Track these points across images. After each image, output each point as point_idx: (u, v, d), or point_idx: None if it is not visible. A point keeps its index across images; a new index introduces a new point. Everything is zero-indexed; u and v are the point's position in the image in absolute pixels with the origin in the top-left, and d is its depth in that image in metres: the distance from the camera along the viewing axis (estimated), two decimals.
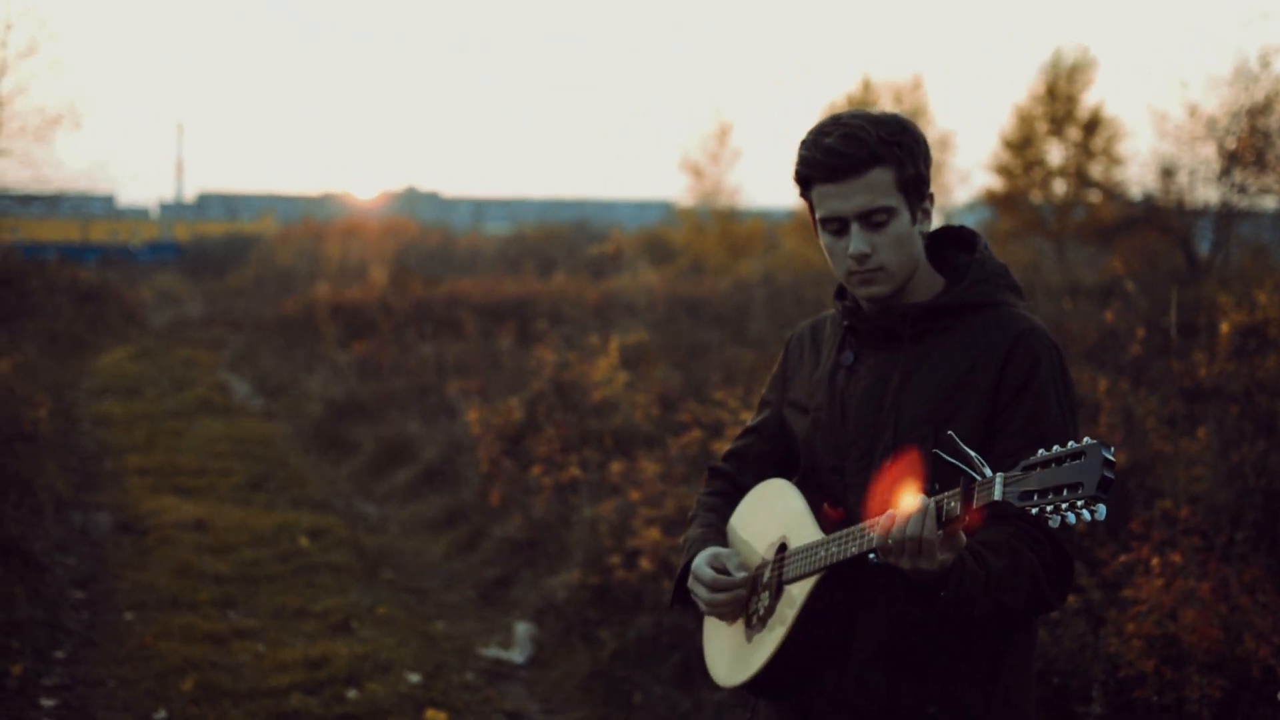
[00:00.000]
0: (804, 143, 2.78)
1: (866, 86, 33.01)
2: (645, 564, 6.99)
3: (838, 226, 2.76)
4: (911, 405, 2.73)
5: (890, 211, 2.71)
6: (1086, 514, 2.14)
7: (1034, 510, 2.20)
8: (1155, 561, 4.94)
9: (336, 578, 8.54)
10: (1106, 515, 2.24)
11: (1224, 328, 7.68)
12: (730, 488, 3.17)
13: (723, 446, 7.59)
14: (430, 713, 6.29)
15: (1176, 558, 4.94)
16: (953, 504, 2.36)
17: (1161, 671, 4.62)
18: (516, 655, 7.27)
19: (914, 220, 2.75)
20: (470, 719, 6.36)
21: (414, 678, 6.74)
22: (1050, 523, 2.17)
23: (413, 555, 9.50)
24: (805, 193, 2.82)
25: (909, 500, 2.43)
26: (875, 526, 2.49)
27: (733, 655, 2.95)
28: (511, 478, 9.48)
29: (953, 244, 2.95)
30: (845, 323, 2.90)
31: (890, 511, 2.46)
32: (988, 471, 2.31)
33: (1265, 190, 22.71)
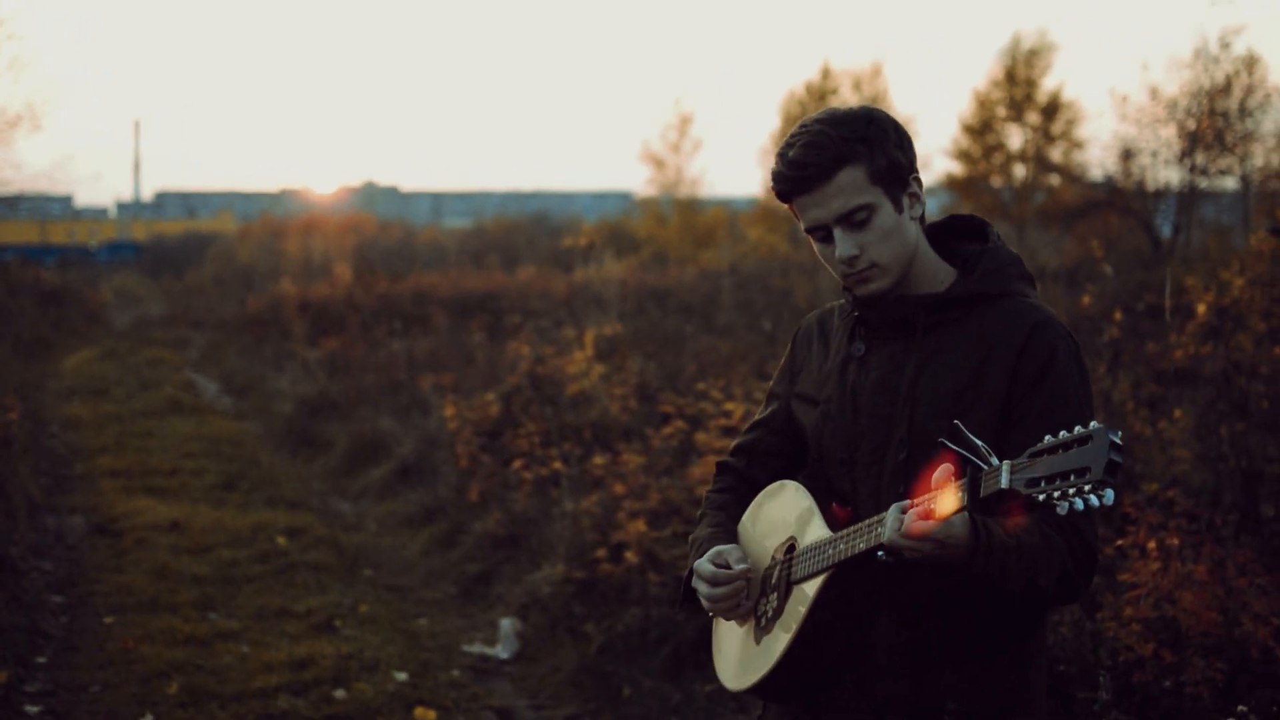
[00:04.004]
0: (776, 157, 2.78)
1: (826, 74, 33.08)
2: (631, 556, 6.96)
3: (823, 234, 2.74)
4: (927, 396, 2.70)
5: (870, 208, 2.68)
6: (1095, 499, 2.10)
7: (1041, 497, 2.16)
8: (1152, 545, 4.93)
9: (316, 577, 8.49)
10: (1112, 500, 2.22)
11: (1200, 309, 7.66)
12: (739, 483, 3.12)
13: (705, 438, 7.58)
14: (420, 711, 6.26)
15: (1174, 541, 4.94)
16: (961, 494, 2.32)
17: (1161, 655, 4.62)
18: (501, 651, 7.25)
19: (899, 209, 2.72)
20: (460, 717, 6.33)
21: (401, 676, 6.70)
22: (1059, 509, 2.12)
23: (391, 552, 9.46)
24: (789, 205, 2.80)
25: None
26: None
27: (741, 659, 2.90)
28: (490, 473, 9.44)
29: (964, 233, 2.93)
30: (855, 313, 2.86)
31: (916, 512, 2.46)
32: (995, 460, 2.27)
33: (1225, 171, 22.92)
